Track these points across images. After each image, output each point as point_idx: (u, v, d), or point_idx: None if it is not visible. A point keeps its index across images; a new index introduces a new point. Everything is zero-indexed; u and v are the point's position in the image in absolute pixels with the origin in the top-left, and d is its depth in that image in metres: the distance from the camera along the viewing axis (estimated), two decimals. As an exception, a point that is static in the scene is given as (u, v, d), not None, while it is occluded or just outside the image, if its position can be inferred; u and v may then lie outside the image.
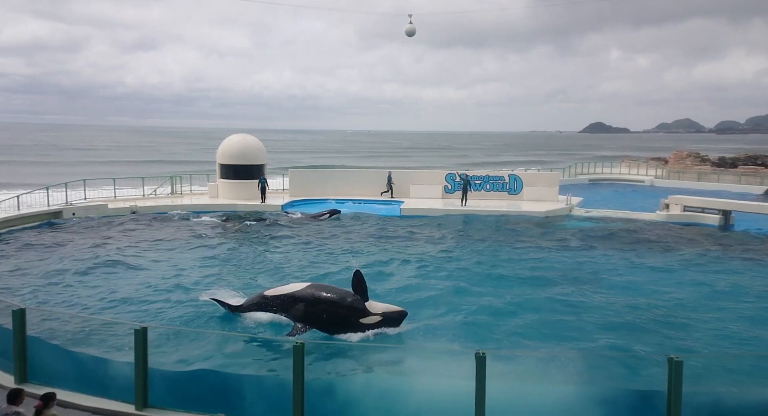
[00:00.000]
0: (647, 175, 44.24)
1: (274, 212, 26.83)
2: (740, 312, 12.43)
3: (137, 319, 11.30)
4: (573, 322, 11.66)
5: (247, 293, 12.67)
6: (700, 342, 10.64)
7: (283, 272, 15.58)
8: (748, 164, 46.67)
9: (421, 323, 11.40)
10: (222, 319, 11.65)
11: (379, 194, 30.00)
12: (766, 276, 15.73)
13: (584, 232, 22.21)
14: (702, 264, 17.05)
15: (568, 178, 41.60)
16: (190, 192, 31.94)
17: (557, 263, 17.02)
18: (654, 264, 17.01)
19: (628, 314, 12.21)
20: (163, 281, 14.64)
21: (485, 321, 11.67)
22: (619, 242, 20.13)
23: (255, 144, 30.66)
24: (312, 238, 20.57)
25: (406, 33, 26.49)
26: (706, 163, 48.57)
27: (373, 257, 17.65)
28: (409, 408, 7.22)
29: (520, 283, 14.76)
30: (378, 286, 13.95)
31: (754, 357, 9.77)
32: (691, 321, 11.81)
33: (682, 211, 25.11)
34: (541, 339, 10.68)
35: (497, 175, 31.10)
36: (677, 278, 15.49)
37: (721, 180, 39.76)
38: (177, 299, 12.97)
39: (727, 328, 11.41)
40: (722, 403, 7.01)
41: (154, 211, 26.27)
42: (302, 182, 31.14)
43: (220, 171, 30.08)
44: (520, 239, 20.70)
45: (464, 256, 17.96)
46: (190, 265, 16.54)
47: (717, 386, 8.16)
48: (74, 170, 56.51)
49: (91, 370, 8.26)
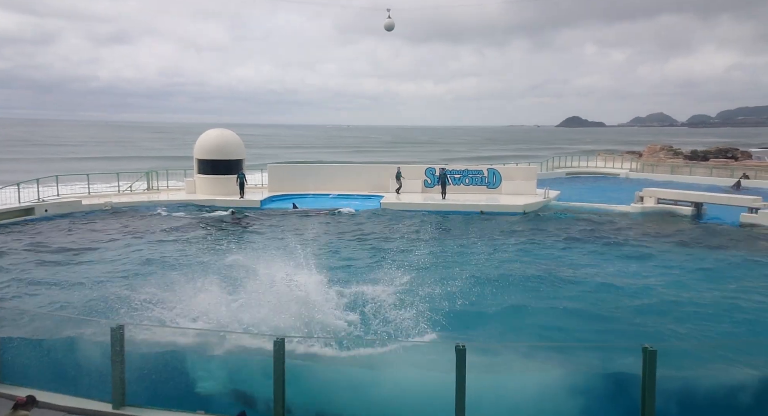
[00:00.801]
0: (622, 168, 45.01)
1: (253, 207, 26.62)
2: (711, 300, 12.76)
3: (116, 317, 11.11)
4: (550, 313, 11.83)
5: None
6: (672, 330, 10.90)
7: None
8: (719, 157, 47.82)
9: (402, 315, 11.45)
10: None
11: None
12: (735, 266, 16.18)
13: (561, 225, 22.54)
14: (675, 255, 17.45)
15: (546, 172, 42.10)
16: (166, 188, 31.48)
17: (535, 256, 17.25)
18: (629, 255, 17.35)
19: (604, 304, 12.45)
20: (143, 277, 14.42)
21: (463, 313, 11.77)
22: (595, 235, 20.48)
23: (233, 139, 30.34)
24: (287, 233, 20.47)
25: (385, 27, 26.39)
26: (678, 156, 49.59)
27: (352, 251, 17.65)
28: (388, 401, 7.27)
29: (497, 276, 14.91)
30: (355, 279, 13.97)
31: (723, 344, 10.04)
32: (665, 310, 12.09)
33: (656, 203, 25.64)
34: (518, 331, 10.82)
35: (476, 169, 31.33)
36: (651, 268, 15.84)
37: (693, 173, 40.66)
38: (156, 297, 12.79)
39: (698, 316, 11.71)
40: (694, 388, 7.22)
41: (129, 207, 25.85)
42: (281, 178, 30.94)
43: (198, 166, 29.72)
44: (498, 233, 20.91)
45: (441, 249, 18.07)
46: (172, 258, 16.32)
47: (689, 372, 8.38)
48: (46, 166, 55.19)
49: (66, 370, 8.13)
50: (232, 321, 10.50)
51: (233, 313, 10.80)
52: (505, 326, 11.15)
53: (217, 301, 11.18)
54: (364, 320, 11.12)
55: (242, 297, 11.40)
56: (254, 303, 10.93)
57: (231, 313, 10.82)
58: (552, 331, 10.88)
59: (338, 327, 10.75)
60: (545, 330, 10.92)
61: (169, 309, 10.85)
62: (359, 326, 10.92)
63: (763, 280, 14.64)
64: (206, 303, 10.90)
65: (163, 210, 25.33)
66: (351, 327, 10.86)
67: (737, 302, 12.65)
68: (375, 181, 30.67)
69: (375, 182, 30.62)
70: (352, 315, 11.41)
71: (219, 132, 30.48)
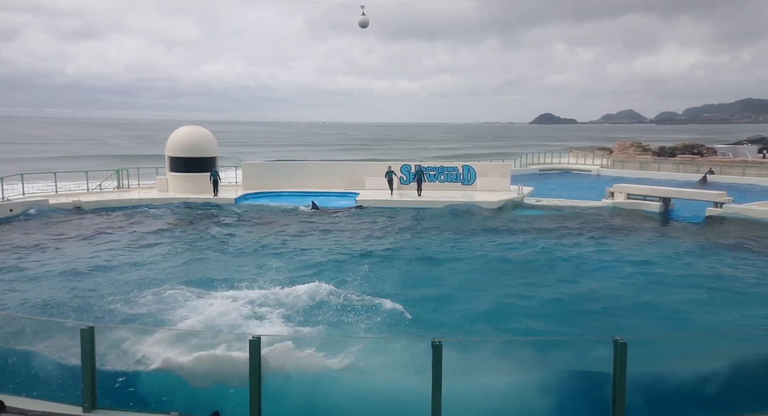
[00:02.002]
0: (594, 164, 45.86)
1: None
2: (679, 293, 13.12)
3: (87, 318, 10.87)
4: (524, 308, 12.01)
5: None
6: (642, 322, 11.17)
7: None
8: (686, 153, 49.13)
9: (379, 312, 11.48)
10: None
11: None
12: (702, 258, 16.66)
13: (535, 220, 22.88)
14: (644, 249, 17.88)
15: (520, 168, 42.63)
16: (138, 186, 30.85)
17: (508, 251, 17.47)
18: (600, 250, 17.71)
19: (577, 298, 12.69)
20: (115, 278, 14.13)
21: (438, 308, 11.87)
22: (567, 230, 20.84)
23: (206, 136, 29.90)
24: (265, 231, 20.31)
25: (359, 24, 26.29)
26: (647, 152, 50.77)
27: (327, 247, 17.59)
28: (363, 397, 7.28)
29: (472, 271, 15.08)
30: (333, 277, 13.95)
31: (692, 336, 10.32)
32: (634, 303, 12.39)
33: (626, 199, 26.21)
34: (492, 326, 10.94)
35: (451, 166, 31.52)
36: (621, 262, 16.19)
37: (661, 169, 41.68)
38: (129, 297, 12.56)
39: (667, 308, 12.03)
40: (664, 380, 7.41)
41: (99, 206, 25.25)
42: (256, 176, 30.62)
43: (170, 164, 29.19)
44: (473, 229, 21.11)
45: (415, 245, 18.16)
46: (145, 261, 16.02)
47: (659, 365, 8.60)
48: (11, 165, 53.42)
49: (35, 373, 7.91)
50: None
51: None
52: (474, 320, 11.27)
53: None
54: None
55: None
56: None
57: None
58: (522, 325, 11.02)
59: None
60: (516, 324, 11.06)
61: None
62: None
63: (730, 270, 15.10)
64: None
65: (147, 209, 24.67)
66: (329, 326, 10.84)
67: (703, 293, 13.04)
68: (350, 178, 30.61)
69: (350, 179, 30.56)
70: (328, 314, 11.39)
71: (191, 129, 29.99)
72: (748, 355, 8.41)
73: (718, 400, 7.28)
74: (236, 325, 10.64)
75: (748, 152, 56.43)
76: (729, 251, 17.62)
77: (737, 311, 11.85)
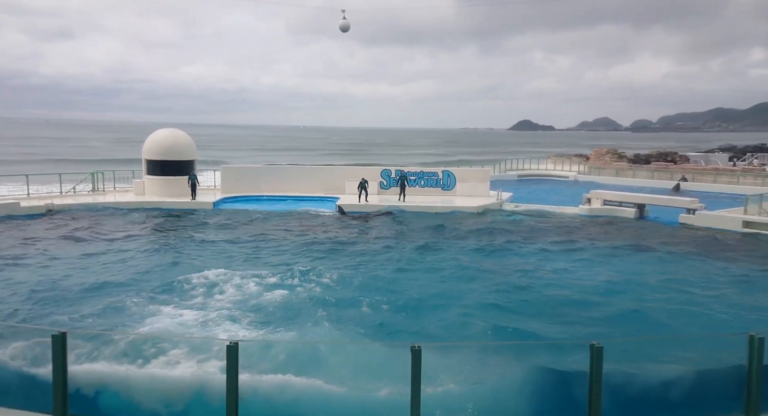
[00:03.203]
0: (571, 171, 46.58)
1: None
2: (653, 298, 13.36)
3: (57, 324, 10.62)
4: (502, 313, 12.08)
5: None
6: (617, 326, 11.34)
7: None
8: (660, 161, 50.25)
9: (357, 317, 11.45)
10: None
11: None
12: (676, 263, 17.00)
13: (513, 226, 23.10)
14: (619, 254, 18.17)
15: (499, 174, 43.05)
16: (113, 189, 30.32)
17: (487, 256, 17.60)
18: (578, 256, 17.94)
19: (554, 303, 12.82)
20: (84, 283, 13.83)
21: (417, 314, 11.89)
22: (545, 235, 21.09)
23: (184, 139, 29.55)
24: (243, 234, 20.12)
25: (340, 28, 26.35)
26: (623, 159, 51.79)
27: (306, 252, 17.49)
28: (343, 403, 7.25)
29: (451, 276, 15.14)
30: (310, 283, 13.89)
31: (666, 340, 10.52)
32: (611, 307, 12.56)
33: (603, 205, 26.65)
34: (470, 331, 10.99)
35: (431, 171, 31.70)
36: (598, 267, 16.43)
37: (636, 176, 42.52)
38: (102, 302, 12.31)
39: (641, 313, 12.23)
40: (638, 383, 7.54)
41: (72, 209, 24.72)
42: (235, 179, 30.36)
43: (147, 167, 28.78)
44: (453, 234, 21.22)
45: (395, 250, 18.17)
46: (117, 265, 15.72)
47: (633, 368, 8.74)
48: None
49: (4, 381, 7.69)
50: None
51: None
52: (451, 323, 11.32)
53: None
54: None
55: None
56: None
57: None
58: (499, 329, 11.10)
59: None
60: (493, 328, 11.14)
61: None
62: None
63: (701, 276, 15.43)
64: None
65: (122, 213, 24.23)
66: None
67: (678, 298, 13.30)
68: (331, 183, 30.54)
69: (331, 184, 30.49)
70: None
71: (169, 132, 29.62)
72: (717, 358, 8.60)
73: (687, 403, 7.43)
74: (211, 331, 10.51)
75: (719, 160, 57.98)
76: (699, 257, 18.01)
77: (706, 316, 12.11)
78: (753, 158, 62.40)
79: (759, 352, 7.16)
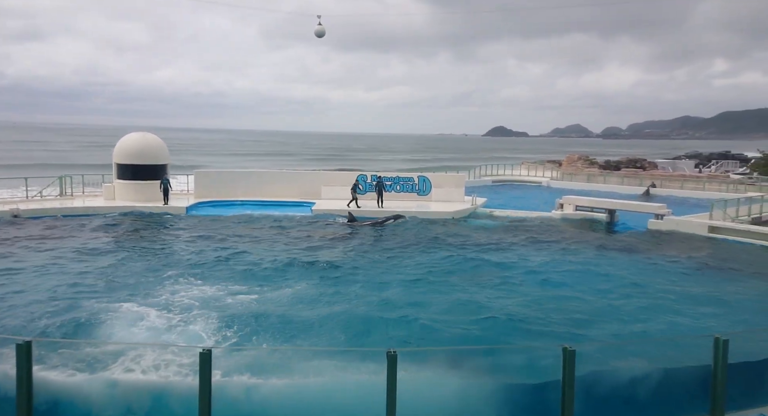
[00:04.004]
0: (544, 176, 47.32)
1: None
2: (626, 300, 13.65)
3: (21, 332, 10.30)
4: (476, 317, 12.16)
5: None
6: (589, 330, 11.54)
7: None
8: (629, 167, 51.49)
9: (332, 323, 11.40)
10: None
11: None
12: (645, 267, 17.41)
13: (488, 231, 23.34)
14: (590, 258, 18.52)
15: (473, 179, 43.45)
16: (82, 194, 29.60)
17: (462, 261, 17.70)
18: (550, 259, 18.21)
19: (526, 307, 12.97)
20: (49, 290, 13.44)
21: (392, 319, 11.89)
22: (519, 240, 21.35)
23: (156, 143, 29.06)
24: (217, 240, 19.86)
25: (315, 34, 26.32)
26: (594, 165, 52.89)
27: (280, 258, 17.35)
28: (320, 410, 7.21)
29: (426, 281, 15.18)
30: (281, 288, 13.79)
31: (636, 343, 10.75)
32: (584, 312, 12.77)
33: (575, 210, 27.15)
34: (445, 336, 11.04)
35: (407, 176, 31.82)
36: (570, 272, 16.69)
37: (607, 182, 43.43)
38: (67, 310, 11.99)
39: (614, 316, 12.48)
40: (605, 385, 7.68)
41: (39, 214, 24.04)
42: (209, 184, 29.96)
43: (117, 171, 28.20)
44: (428, 239, 21.30)
45: (371, 256, 18.18)
46: (83, 273, 15.32)
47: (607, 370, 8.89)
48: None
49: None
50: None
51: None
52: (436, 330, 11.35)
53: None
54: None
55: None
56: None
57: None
58: (473, 334, 11.18)
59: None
60: (467, 333, 11.22)
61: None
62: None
63: (665, 279, 15.83)
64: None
65: (91, 218, 23.64)
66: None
67: (647, 301, 13.61)
68: (306, 188, 30.40)
69: (306, 189, 30.35)
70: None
71: (141, 135, 29.08)
72: (684, 360, 8.83)
73: (654, 404, 7.60)
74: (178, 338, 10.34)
75: (685, 166, 59.69)
76: (668, 260, 18.48)
77: (679, 316, 12.43)
78: (718, 165, 64.52)
79: (723, 353, 7.38)
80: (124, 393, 7.81)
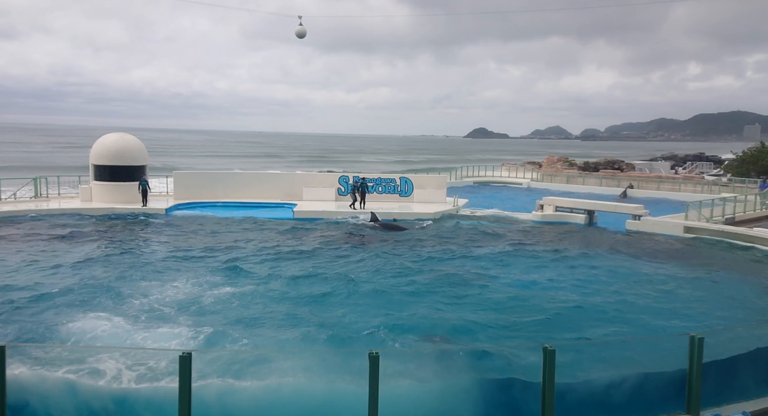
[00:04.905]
0: (524, 178, 47.76)
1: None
2: (604, 300, 13.85)
3: None
4: (458, 318, 12.23)
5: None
6: (570, 329, 11.68)
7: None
8: (608, 169, 52.21)
9: (314, 324, 11.36)
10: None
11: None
12: (622, 266, 17.67)
13: (470, 231, 23.48)
14: (569, 258, 18.74)
15: (455, 180, 43.70)
16: (58, 195, 29.01)
17: (443, 262, 17.79)
18: (531, 259, 18.40)
19: (508, 307, 13.08)
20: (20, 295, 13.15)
21: (374, 320, 11.89)
22: (500, 240, 21.53)
23: (134, 144, 28.64)
24: (196, 241, 19.64)
25: (296, 35, 26.14)
26: (573, 167, 53.53)
27: (267, 260, 17.23)
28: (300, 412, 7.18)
29: (408, 282, 15.20)
30: (259, 288, 13.70)
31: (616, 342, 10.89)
32: (563, 311, 12.93)
33: (555, 211, 27.45)
34: (425, 337, 11.08)
35: (389, 177, 31.86)
36: (549, 271, 16.88)
37: (586, 183, 44.02)
38: (41, 314, 11.74)
39: (591, 315, 12.65)
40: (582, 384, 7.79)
41: (12, 216, 23.50)
42: (188, 185, 29.62)
43: (95, 173, 27.72)
44: (410, 240, 21.36)
45: (353, 257, 18.15)
46: (57, 276, 15.01)
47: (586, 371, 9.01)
48: None
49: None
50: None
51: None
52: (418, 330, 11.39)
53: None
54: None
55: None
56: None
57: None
58: (454, 334, 11.25)
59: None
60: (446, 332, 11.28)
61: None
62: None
63: (644, 279, 16.11)
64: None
65: (66, 220, 23.18)
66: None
67: (625, 300, 13.83)
68: (288, 189, 30.25)
69: (288, 190, 30.20)
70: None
71: (118, 136, 28.64)
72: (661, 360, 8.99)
73: (631, 403, 7.72)
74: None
75: (662, 167, 60.80)
76: (645, 260, 18.79)
77: (655, 316, 12.65)
78: (692, 167, 65.90)
79: (699, 351, 7.53)
80: (94, 398, 7.67)
